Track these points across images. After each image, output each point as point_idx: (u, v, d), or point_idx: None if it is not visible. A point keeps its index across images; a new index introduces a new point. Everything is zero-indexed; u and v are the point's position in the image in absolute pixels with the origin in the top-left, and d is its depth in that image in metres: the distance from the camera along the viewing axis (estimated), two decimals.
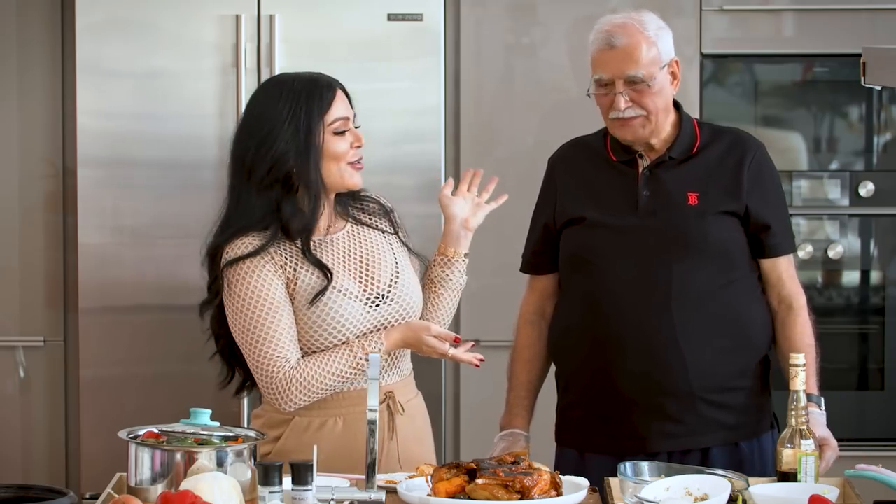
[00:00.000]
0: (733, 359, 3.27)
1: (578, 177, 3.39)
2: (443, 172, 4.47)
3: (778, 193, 3.37)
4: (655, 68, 3.23)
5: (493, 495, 2.74)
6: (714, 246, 3.26)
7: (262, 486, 2.66)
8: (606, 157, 3.36)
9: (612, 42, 3.22)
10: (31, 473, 4.57)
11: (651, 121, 3.26)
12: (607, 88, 3.25)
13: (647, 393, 3.24)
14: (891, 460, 3.21)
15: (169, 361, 4.41)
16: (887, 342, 4.66)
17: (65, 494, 2.68)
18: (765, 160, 3.35)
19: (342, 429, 3.22)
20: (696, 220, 3.26)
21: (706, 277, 3.24)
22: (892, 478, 2.83)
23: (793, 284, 3.35)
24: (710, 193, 3.27)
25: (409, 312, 3.27)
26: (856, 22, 4.56)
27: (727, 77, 4.67)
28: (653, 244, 3.26)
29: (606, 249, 3.29)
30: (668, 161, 3.31)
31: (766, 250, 3.32)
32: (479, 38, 4.57)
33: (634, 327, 3.24)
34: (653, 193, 3.29)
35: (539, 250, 3.45)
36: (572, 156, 3.45)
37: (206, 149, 4.40)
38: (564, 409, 3.41)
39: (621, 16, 3.29)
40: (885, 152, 4.69)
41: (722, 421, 3.26)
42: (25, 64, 4.55)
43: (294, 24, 4.40)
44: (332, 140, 3.22)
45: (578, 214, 3.34)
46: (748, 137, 3.39)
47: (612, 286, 3.27)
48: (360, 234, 3.30)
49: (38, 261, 4.58)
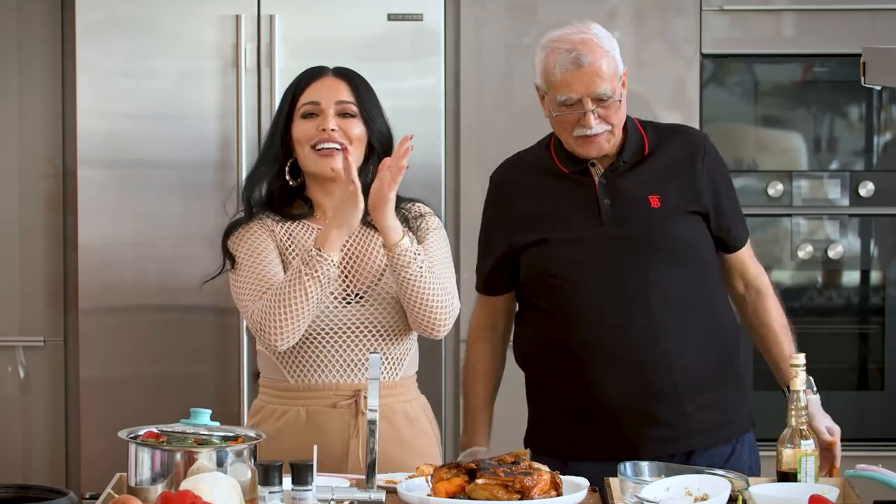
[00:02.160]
0: (711, 354, 3.25)
1: (530, 198, 3.32)
2: (443, 172, 4.47)
3: (729, 184, 3.35)
4: (617, 81, 3.20)
5: (493, 495, 2.74)
6: (683, 246, 3.24)
7: (262, 486, 2.66)
8: (556, 170, 3.31)
9: (579, 61, 3.17)
10: (31, 473, 4.57)
11: (615, 134, 3.23)
12: (573, 108, 3.20)
13: (635, 399, 3.20)
14: (891, 460, 3.21)
15: (169, 362, 4.41)
16: (887, 342, 4.66)
17: (65, 494, 2.67)
18: (714, 153, 3.33)
19: (305, 420, 3.22)
20: (663, 222, 3.23)
21: (680, 277, 3.23)
22: (892, 478, 2.83)
23: (755, 266, 3.37)
24: (670, 194, 3.25)
25: (384, 316, 3.22)
26: (856, 22, 4.56)
27: (727, 77, 4.67)
28: (624, 251, 3.22)
29: (576, 264, 3.24)
30: (621, 165, 3.27)
31: (730, 245, 3.33)
32: (479, 38, 4.57)
33: (616, 336, 3.20)
34: (614, 201, 3.25)
35: (494, 273, 3.37)
36: (518, 174, 3.38)
37: (206, 149, 4.40)
38: (540, 418, 3.37)
39: (575, 31, 3.23)
40: (885, 152, 4.69)
41: (708, 421, 3.24)
42: (25, 64, 4.55)
43: (294, 24, 4.40)
44: (298, 123, 3.25)
45: (539, 237, 3.28)
46: (694, 133, 3.39)
47: (586, 298, 3.22)
48: (362, 233, 3.28)
49: (38, 261, 4.58)
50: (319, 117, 3.23)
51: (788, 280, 4.68)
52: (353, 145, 3.23)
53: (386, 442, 3.15)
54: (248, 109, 4.39)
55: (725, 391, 3.29)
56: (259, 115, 4.39)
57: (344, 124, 3.24)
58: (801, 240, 4.64)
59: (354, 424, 3.22)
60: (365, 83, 3.31)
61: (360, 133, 3.25)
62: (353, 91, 3.27)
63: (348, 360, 3.22)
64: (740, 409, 3.33)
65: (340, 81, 3.28)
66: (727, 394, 3.29)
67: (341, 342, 3.22)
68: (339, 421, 3.22)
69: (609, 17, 4.51)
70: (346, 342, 3.22)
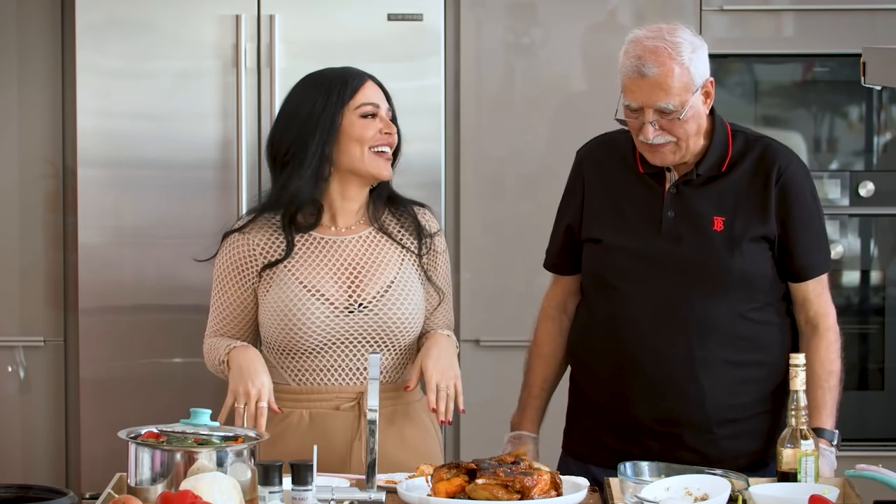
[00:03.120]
0: (754, 387, 3.17)
1: (605, 184, 3.24)
2: (443, 172, 4.47)
3: (808, 211, 3.18)
4: (688, 95, 3.06)
5: (493, 495, 2.74)
6: (739, 276, 3.13)
7: (262, 486, 2.66)
8: (634, 166, 3.21)
9: (642, 70, 3.05)
10: (31, 473, 4.56)
11: (681, 146, 3.11)
12: (636, 114, 3.09)
13: (663, 422, 3.15)
14: (891, 460, 3.20)
15: (169, 362, 4.41)
16: (887, 342, 4.66)
17: (65, 494, 2.67)
18: (793, 174, 3.16)
19: (308, 423, 3.22)
20: (722, 248, 3.12)
21: (729, 307, 3.12)
22: (892, 478, 2.83)
23: (820, 304, 3.20)
24: (737, 218, 3.13)
25: (390, 328, 3.22)
26: (856, 22, 4.56)
27: (727, 77, 4.66)
28: (675, 270, 3.13)
29: (627, 272, 3.17)
30: (695, 179, 3.15)
31: (795, 275, 3.19)
32: (479, 38, 4.57)
33: (652, 355, 3.13)
34: (678, 215, 3.15)
35: (562, 253, 3.32)
36: (602, 157, 3.28)
37: (206, 149, 4.40)
38: (575, 416, 3.33)
39: (653, 35, 3.10)
40: (885, 152, 4.69)
41: (740, 449, 3.17)
42: (25, 64, 4.55)
43: (294, 24, 4.40)
44: (357, 123, 3.22)
45: (597, 235, 3.21)
46: (777, 150, 3.20)
47: (630, 311, 3.16)
48: (373, 242, 3.28)
49: (38, 261, 4.58)
50: (377, 119, 3.24)
51: None
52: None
53: (388, 444, 3.15)
54: (248, 109, 4.39)
55: (764, 421, 3.18)
56: (259, 115, 4.39)
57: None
58: None
59: (357, 427, 3.22)
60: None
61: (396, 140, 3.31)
62: (388, 99, 3.30)
63: (351, 367, 3.22)
64: (777, 436, 3.13)
65: (380, 89, 3.29)
66: (765, 423, 3.18)
67: (345, 351, 3.22)
68: (341, 423, 3.22)
69: (609, 17, 4.51)
70: (349, 351, 3.22)
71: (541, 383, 3.36)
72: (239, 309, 3.28)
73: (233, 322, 3.29)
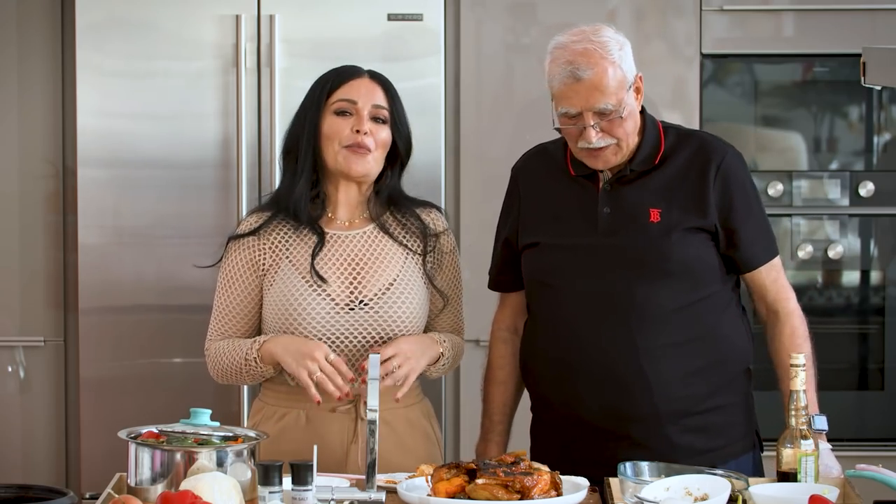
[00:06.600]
0: (707, 378, 3.13)
1: (539, 193, 3.23)
2: (443, 172, 4.47)
3: (748, 202, 3.16)
4: (623, 93, 3.05)
5: (493, 495, 2.74)
6: (678, 265, 3.10)
7: (262, 486, 2.66)
8: (566, 170, 3.20)
9: (577, 74, 3.02)
10: (31, 473, 4.56)
11: (622, 146, 3.10)
12: (574, 120, 3.06)
13: (613, 419, 3.11)
14: (891, 460, 3.21)
15: (169, 362, 4.41)
16: (887, 342, 4.66)
17: (65, 494, 2.67)
18: (731, 167, 3.15)
19: (305, 423, 3.22)
20: (659, 238, 3.09)
21: (671, 297, 3.09)
22: (892, 478, 2.83)
23: (777, 289, 3.20)
24: (673, 209, 3.10)
25: (390, 326, 3.21)
26: (856, 22, 4.56)
27: (727, 77, 4.67)
28: (614, 264, 3.11)
29: (565, 271, 3.14)
30: (628, 174, 3.13)
31: (741, 265, 3.18)
32: (479, 38, 4.57)
33: (595, 352, 3.10)
34: (613, 211, 3.13)
35: (504, 268, 3.32)
36: (535, 167, 3.28)
37: (206, 149, 4.40)
38: (536, 430, 3.31)
39: (578, 38, 3.07)
40: (885, 152, 4.69)
41: (695, 445, 3.13)
42: (25, 64, 4.55)
43: (294, 24, 4.40)
44: (330, 120, 3.23)
45: (534, 239, 3.20)
46: (713, 143, 3.19)
47: (572, 309, 3.14)
48: (375, 239, 3.28)
49: (38, 261, 4.58)
50: (354, 117, 3.23)
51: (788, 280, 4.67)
52: (378, 150, 3.24)
53: (387, 447, 3.14)
54: (248, 109, 4.39)
55: (719, 415, 3.16)
56: (259, 115, 4.39)
57: (374, 128, 3.24)
58: (801, 240, 4.64)
59: (353, 430, 3.22)
60: (395, 90, 3.31)
61: (387, 138, 3.26)
62: (388, 97, 3.27)
63: (349, 366, 3.21)
64: (734, 432, 3.20)
65: (376, 85, 3.27)
66: (720, 418, 3.16)
67: (343, 350, 3.21)
68: (338, 426, 3.22)
69: (609, 17, 4.51)
70: (347, 348, 3.22)
71: (500, 408, 3.35)
72: (246, 312, 3.27)
73: (239, 325, 3.28)
